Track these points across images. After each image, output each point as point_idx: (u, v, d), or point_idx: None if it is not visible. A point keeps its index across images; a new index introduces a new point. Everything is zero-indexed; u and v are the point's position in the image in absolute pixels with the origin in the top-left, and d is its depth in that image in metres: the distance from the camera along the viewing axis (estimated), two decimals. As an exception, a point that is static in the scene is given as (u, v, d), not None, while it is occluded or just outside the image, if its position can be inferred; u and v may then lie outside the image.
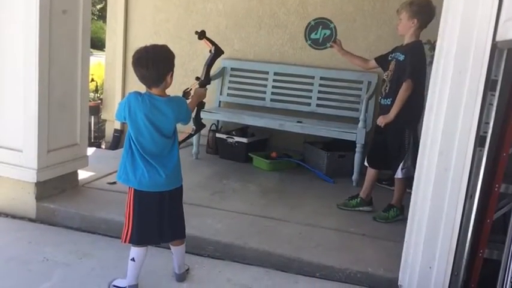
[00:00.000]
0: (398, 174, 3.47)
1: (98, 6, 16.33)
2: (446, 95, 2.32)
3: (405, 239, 2.61)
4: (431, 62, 2.58)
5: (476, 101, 2.28)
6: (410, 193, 2.62)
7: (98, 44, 10.95)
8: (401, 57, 3.37)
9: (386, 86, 3.48)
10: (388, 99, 3.45)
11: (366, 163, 3.74)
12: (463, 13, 2.25)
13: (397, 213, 3.52)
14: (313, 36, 3.62)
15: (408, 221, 2.59)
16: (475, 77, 2.26)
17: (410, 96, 3.30)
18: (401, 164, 3.44)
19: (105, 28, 6.17)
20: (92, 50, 4.88)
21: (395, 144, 3.45)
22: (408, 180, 3.50)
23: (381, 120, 3.44)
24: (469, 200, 2.39)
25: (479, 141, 2.33)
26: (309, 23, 3.58)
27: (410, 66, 3.30)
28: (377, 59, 3.64)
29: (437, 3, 2.53)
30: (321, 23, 3.61)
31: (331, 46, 3.70)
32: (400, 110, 3.33)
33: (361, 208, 3.69)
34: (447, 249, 2.44)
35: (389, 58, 3.51)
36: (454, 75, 2.30)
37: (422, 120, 2.54)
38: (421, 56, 3.36)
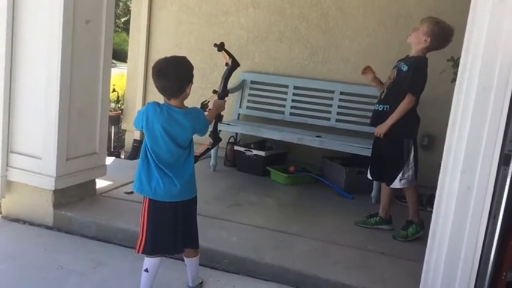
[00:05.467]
0: (396, 184, 3.43)
1: (123, 19, 16.60)
2: (470, 111, 2.27)
3: (425, 259, 2.53)
4: (454, 79, 2.54)
5: (501, 118, 2.22)
6: (431, 212, 2.56)
7: (121, 55, 11.10)
8: (405, 68, 3.36)
9: (383, 92, 3.48)
10: (382, 106, 3.45)
11: (368, 176, 3.69)
12: (488, 28, 2.21)
13: (416, 230, 3.43)
14: None
15: (429, 240, 2.52)
16: (500, 93, 2.21)
17: (410, 109, 3.32)
18: (399, 175, 3.39)
19: (128, 40, 6.25)
20: (115, 61, 4.95)
21: (392, 156, 3.43)
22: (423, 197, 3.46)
23: (378, 131, 3.42)
24: (493, 220, 2.32)
25: (504, 159, 2.27)
26: None
27: (412, 80, 3.30)
28: None
29: (462, 18, 2.48)
30: None
31: (364, 73, 3.62)
32: (398, 122, 3.32)
33: (380, 226, 3.62)
34: (469, 271, 2.36)
35: (393, 67, 3.50)
36: (478, 91, 2.25)
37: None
38: (425, 71, 3.33)
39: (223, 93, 2.73)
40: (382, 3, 4.83)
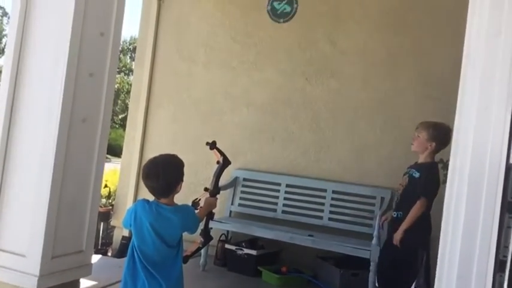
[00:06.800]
0: None
1: (120, 116, 17.07)
2: (462, 216, 2.26)
3: None
4: (444, 181, 2.56)
5: (494, 223, 2.20)
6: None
7: (116, 150, 11.31)
8: (417, 175, 3.40)
9: (397, 199, 3.53)
10: (396, 213, 3.49)
11: (376, 284, 3.58)
12: (474, 135, 2.27)
13: None
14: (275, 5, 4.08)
15: None
16: (490, 198, 2.21)
17: (423, 214, 3.30)
18: (413, 285, 3.28)
19: (124, 136, 6.35)
20: (110, 156, 5.00)
21: (407, 265, 3.35)
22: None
23: (396, 239, 3.37)
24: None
25: (499, 265, 2.22)
26: None
27: (426, 185, 3.34)
28: None
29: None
30: None
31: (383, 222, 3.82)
32: (411, 228, 3.29)
33: (376, 334, 3.46)
34: None
35: (403, 174, 3.53)
36: (469, 196, 2.26)
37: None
38: (437, 177, 3.40)
39: (214, 190, 2.73)
40: (371, 104, 4.98)
